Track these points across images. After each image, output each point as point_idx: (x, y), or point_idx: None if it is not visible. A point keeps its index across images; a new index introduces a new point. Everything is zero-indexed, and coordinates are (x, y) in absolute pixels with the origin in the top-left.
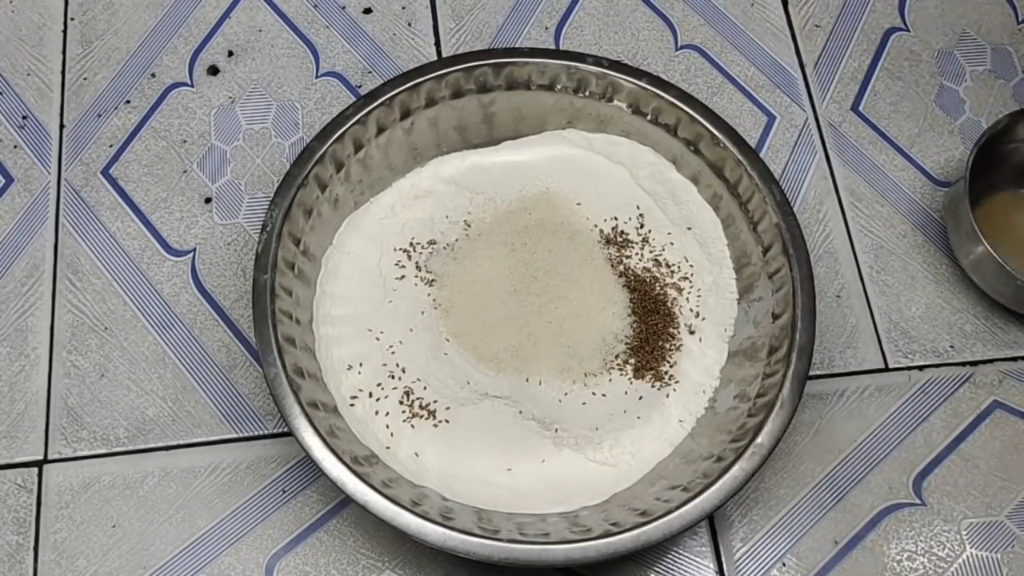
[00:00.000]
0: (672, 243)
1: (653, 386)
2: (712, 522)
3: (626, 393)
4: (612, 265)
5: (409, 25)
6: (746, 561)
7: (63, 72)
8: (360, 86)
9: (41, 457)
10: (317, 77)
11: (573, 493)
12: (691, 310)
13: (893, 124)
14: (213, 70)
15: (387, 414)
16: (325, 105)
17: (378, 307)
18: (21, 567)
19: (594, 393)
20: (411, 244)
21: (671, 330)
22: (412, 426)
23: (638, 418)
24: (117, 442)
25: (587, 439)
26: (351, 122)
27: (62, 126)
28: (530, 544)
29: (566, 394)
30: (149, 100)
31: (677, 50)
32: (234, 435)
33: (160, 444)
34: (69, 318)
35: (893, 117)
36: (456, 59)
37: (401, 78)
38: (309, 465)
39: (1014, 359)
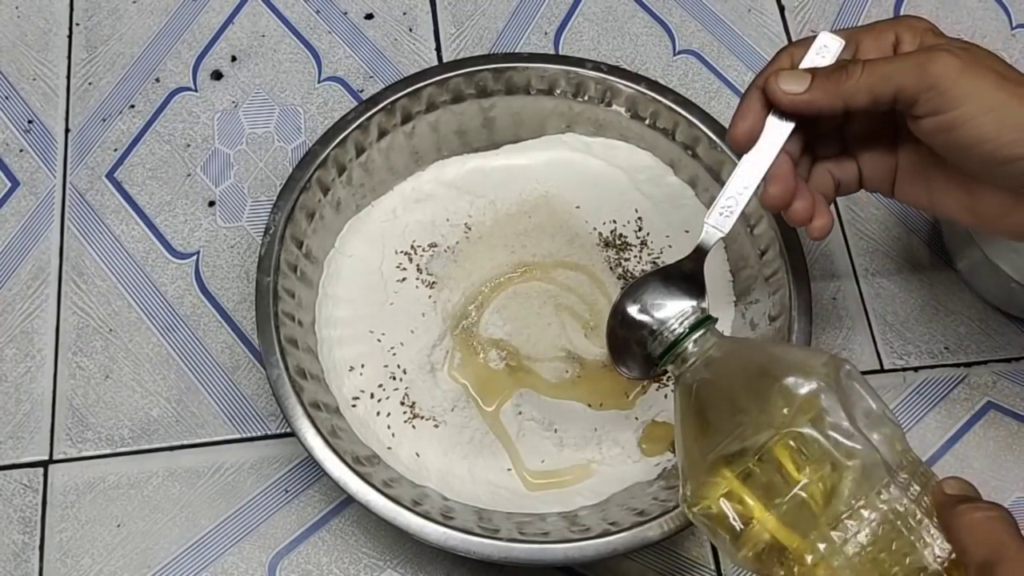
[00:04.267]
0: (670, 246)
1: (652, 387)
2: None
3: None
4: (611, 267)
5: (410, 31)
6: None
7: (68, 77)
8: (362, 91)
9: (46, 457)
10: (319, 82)
11: (572, 493)
12: None
13: None
14: (217, 75)
15: (388, 415)
16: (327, 110)
17: (379, 309)
18: (27, 566)
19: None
20: (412, 247)
21: None
22: (413, 427)
23: (636, 419)
24: (121, 442)
25: (586, 439)
26: (353, 126)
27: (67, 130)
28: (530, 543)
29: None
30: (153, 105)
31: (675, 55)
32: (237, 436)
33: (164, 444)
34: (74, 320)
35: None
36: (457, 64)
37: (402, 83)
38: (311, 465)
39: (1008, 360)
